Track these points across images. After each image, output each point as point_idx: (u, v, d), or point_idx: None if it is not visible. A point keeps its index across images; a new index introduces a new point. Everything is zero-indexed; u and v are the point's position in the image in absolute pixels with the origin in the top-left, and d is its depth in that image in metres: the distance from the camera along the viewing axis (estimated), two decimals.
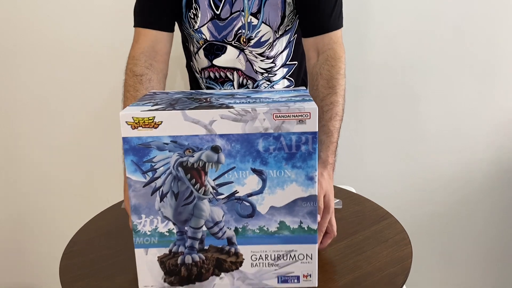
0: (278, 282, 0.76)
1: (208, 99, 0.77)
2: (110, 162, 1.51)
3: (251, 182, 0.71)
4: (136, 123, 0.68)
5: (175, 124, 0.68)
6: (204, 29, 1.10)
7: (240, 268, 0.75)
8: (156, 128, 0.69)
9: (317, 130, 0.69)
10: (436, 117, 1.56)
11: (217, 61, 1.14)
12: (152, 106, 0.72)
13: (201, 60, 1.17)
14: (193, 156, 0.70)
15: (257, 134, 0.69)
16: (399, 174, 1.62)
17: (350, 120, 1.51)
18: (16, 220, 1.69)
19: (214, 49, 1.13)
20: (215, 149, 0.70)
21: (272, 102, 0.72)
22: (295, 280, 0.76)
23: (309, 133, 0.69)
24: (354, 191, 1.19)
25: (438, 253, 1.70)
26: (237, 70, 1.16)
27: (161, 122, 0.68)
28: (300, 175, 0.71)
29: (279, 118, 0.68)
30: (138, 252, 0.74)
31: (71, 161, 1.63)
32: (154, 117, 0.68)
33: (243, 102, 0.73)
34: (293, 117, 0.68)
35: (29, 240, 1.71)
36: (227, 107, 0.70)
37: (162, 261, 0.75)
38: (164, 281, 0.76)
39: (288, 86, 1.22)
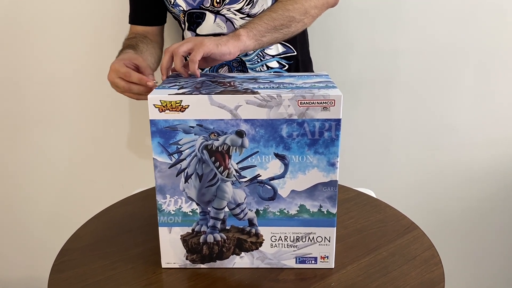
0: (296, 262, 0.79)
1: (232, 83, 0.78)
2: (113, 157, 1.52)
3: (274, 167, 0.73)
4: (163, 106, 0.70)
5: (202, 108, 0.70)
6: (179, 0, 1.08)
7: (260, 248, 0.78)
8: (182, 111, 0.70)
9: (341, 117, 0.70)
10: (468, 108, 1.45)
11: (200, 30, 1.10)
12: (178, 89, 0.74)
13: (189, 36, 1.12)
14: (218, 140, 0.71)
15: (281, 120, 0.70)
16: (424, 169, 1.52)
17: (369, 113, 1.48)
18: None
19: (194, 18, 1.09)
20: (240, 134, 0.71)
21: (296, 88, 0.73)
22: (313, 261, 0.78)
23: (332, 120, 0.70)
24: (373, 195, 1.13)
25: (464, 252, 1.61)
26: (220, 35, 1.04)
27: (188, 106, 0.70)
28: (322, 161, 0.72)
29: (304, 104, 0.69)
30: (162, 231, 0.77)
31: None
32: (181, 100, 0.70)
33: (267, 87, 0.74)
34: (318, 104, 0.69)
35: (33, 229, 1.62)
36: (252, 92, 0.71)
37: (185, 239, 0.77)
38: (186, 258, 0.78)
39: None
